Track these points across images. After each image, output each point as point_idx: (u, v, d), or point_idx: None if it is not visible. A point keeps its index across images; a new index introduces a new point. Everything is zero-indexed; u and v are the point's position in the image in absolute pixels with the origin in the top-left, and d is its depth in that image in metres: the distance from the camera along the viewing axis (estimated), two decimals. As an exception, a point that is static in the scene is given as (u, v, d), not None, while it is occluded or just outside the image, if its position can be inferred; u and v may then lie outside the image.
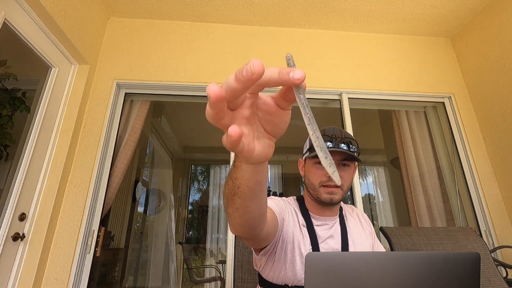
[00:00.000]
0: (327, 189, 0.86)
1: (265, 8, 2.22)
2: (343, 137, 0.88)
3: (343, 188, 0.88)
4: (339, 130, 0.91)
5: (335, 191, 0.86)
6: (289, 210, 0.91)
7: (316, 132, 0.28)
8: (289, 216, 0.89)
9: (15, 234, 1.46)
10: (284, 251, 0.84)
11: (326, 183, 0.86)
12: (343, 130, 0.92)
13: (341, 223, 0.93)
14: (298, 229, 0.88)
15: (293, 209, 0.93)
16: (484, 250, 1.42)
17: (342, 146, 0.86)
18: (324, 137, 0.88)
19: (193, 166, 5.75)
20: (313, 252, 0.54)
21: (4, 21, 1.38)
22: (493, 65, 2.13)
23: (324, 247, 0.87)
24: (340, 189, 0.87)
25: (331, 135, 0.88)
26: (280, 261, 0.84)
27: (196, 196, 5.79)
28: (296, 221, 0.90)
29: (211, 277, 4.25)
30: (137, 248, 3.74)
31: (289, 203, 0.96)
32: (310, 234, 0.87)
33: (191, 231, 5.46)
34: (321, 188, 0.87)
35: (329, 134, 0.89)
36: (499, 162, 2.07)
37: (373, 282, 0.53)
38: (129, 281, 3.52)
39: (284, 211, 0.89)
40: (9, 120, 1.51)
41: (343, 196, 0.90)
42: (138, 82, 2.11)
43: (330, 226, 0.91)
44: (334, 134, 0.89)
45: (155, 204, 4.14)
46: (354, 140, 0.90)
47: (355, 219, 1.01)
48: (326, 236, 0.89)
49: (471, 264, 0.54)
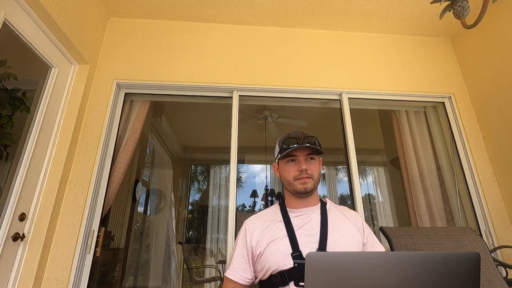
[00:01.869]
0: (300, 181, 1.02)
1: (265, 8, 2.22)
2: (305, 136, 1.05)
3: (313, 178, 1.03)
4: (301, 132, 1.08)
5: (307, 181, 1.01)
6: (257, 233, 1.03)
7: None
8: (258, 237, 1.02)
9: (15, 234, 1.46)
10: (262, 255, 0.97)
11: (298, 176, 1.02)
12: (305, 132, 1.08)
13: (322, 213, 1.04)
14: (273, 229, 1.01)
15: (267, 224, 1.05)
16: (484, 250, 1.42)
17: (306, 141, 1.03)
18: (290, 139, 1.05)
19: (193, 166, 5.75)
20: (313, 252, 0.55)
21: (4, 21, 1.38)
22: (493, 65, 2.13)
23: (300, 233, 0.98)
24: (311, 179, 1.02)
25: (296, 137, 1.06)
26: (262, 262, 0.97)
27: (196, 196, 5.80)
28: (270, 227, 1.02)
29: (211, 277, 4.25)
30: (137, 248, 3.74)
31: (263, 221, 1.07)
32: (286, 224, 1.01)
33: (191, 231, 5.46)
34: (295, 181, 1.03)
35: (294, 136, 1.06)
36: (499, 162, 2.07)
37: (373, 282, 0.53)
38: (129, 281, 3.52)
39: (248, 255, 1.02)
40: (9, 120, 1.51)
41: (315, 185, 1.05)
42: (138, 82, 2.11)
43: (307, 216, 1.04)
44: (297, 135, 1.06)
45: (155, 204, 4.14)
46: (315, 137, 1.07)
47: (341, 213, 1.08)
48: (302, 224, 1.01)
49: (471, 264, 0.54)
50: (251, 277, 1.01)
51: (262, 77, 2.21)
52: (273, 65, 2.26)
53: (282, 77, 2.23)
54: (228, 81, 2.17)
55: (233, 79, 2.18)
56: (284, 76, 2.24)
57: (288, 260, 0.91)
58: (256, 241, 1.01)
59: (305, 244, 0.94)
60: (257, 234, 1.02)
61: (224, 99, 2.23)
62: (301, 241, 0.95)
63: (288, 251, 0.93)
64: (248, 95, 2.22)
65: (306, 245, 0.94)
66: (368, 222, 4.57)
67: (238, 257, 1.04)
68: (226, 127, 2.15)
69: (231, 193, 1.93)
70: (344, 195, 5.36)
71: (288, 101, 2.33)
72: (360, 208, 1.96)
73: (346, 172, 3.08)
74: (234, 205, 1.92)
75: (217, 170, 5.28)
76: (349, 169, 2.08)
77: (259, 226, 1.05)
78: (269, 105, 3.30)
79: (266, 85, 2.19)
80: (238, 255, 1.04)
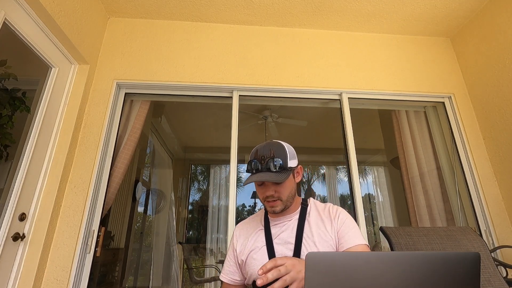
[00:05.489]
0: (268, 204, 1.01)
1: (265, 8, 2.22)
2: (270, 158, 0.97)
3: (282, 199, 1.00)
4: (269, 150, 1.00)
5: (274, 205, 1.00)
6: (242, 240, 1.09)
7: None
8: (242, 244, 1.07)
9: (15, 234, 1.46)
10: (245, 263, 1.03)
11: (267, 199, 1.01)
12: (273, 148, 1.00)
13: (300, 220, 1.04)
14: (254, 238, 1.05)
15: (250, 232, 1.09)
16: (484, 250, 1.42)
17: (267, 166, 0.96)
18: (254, 163, 0.99)
19: (193, 166, 5.75)
20: (313, 252, 0.55)
21: (4, 21, 1.38)
22: (493, 65, 2.13)
23: (277, 241, 1.01)
24: (279, 201, 1.00)
25: (261, 157, 0.99)
26: (245, 269, 1.03)
27: (196, 196, 5.80)
28: (252, 235, 1.07)
29: (211, 277, 4.26)
30: (137, 248, 3.74)
31: (248, 228, 1.12)
32: (265, 233, 1.04)
33: (191, 231, 5.47)
34: (265, 202, 1.02)
35: (259, 156, 0.99)
36: (499, 162, 2.07)
37: (373, 282, 0.53)
38: (129, 281, 3.52)
39: (235, 259, 1.08)
40: (9, 120, 1.51)
41: (286, 203, 1.02)
42: (138, 82, 2.11)
43: (283, 224, 1.05)
44: (263, 155, 0.99)
45: (155, 204, 4.14)
46: (283, 154, 0.99)
47: (320, 216, 1.05)
48: (279, 232, 1.03)
49: (471, 264, 0.54)
50: (240, 279, 1.07)
51: (262, 77, 2.21)
52: (273, 65, 2.26)
53: (282, 77, 2.23)
54: (228, 81, 2.17)
55: (233, 79, 2.18)
56: (284, 76, 2.24)
57: None
58: (240, 249, 1.07)
59: (281, 253, 0.97)
60: (241, 242, 1.08)
61: (224, 99, 2.23)
62: (277, 250, 0.98)
63: (265, 260, 0.96)
64: (248, 95, 2.22)
65: (282, 253, 0.97)
66: (368, 222, 4.55)
67: (228, 260, 1.11)
68: (226, 127, 2.15)
69: (231, 193, 1.93)
70: (344, 195, 5.36)
71: (288, 101, 2.33)
72: (360, 208, 1.96)
73: (346, 172, 3.08)
74: (234, 205, 1.92)
75: (217, 170, 5.28)
76: (349, 169, 2.08)
77: (244, 233, 1.10)
78: (269, 105, 3.30)
79: (266, 85, 2.19)
80: (228, 259, 1.11)
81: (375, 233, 4.37)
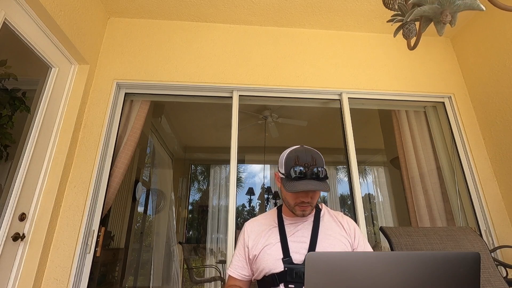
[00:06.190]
0: (300, 208, 1.02)
1: (265, 8, 2.22)
2: (314, 165, 0.99)
3: (313, 205, 1.04)
4: (311, 157, 1.00)
5: (307, 209, 1.03)
6: (254, 236, 1.10)
7: None
8: (254, 240, 1.09)
9: (15, 234, 1.46)
10: (257, 258, 1.04)
11: (301, 204, 1.02)
12: (314, 155, 1.01)
13: (315, 221, 1.09)
14: (268, 234, 1.07)
15: (263, 228, 1.11)
16: (484, 250, 1.42)
17: (314, 174, 0.97)
18: (298, 169, 0.97)
19: (193, 166, 5.75)
20: (313, 252, 0.55)
21: (4, 21, 1.38)
22: (493, 65, 2.13)
23: (292, 239, 1.03)
24: (310, 206, 1.03)
25: (304, 164, 0.98)
26: (257, 263, 1.05)
27: (196, 196, 5.79)
28: (265, 232, 1.09)
29: (211, 277, 4.25)
30: (137, 248, 3.74)
31: (260, 225, 1.13)
32: (280, 230, 1.07)
33: (191, 231, 5.46)
34: (296, 206, 1.03)
35: (303, 162, 0.99)
36: (499, 162, 2.07)
37: (373, 282, 0.53)
38: (129, 281, 3.52)
39: (245, 255, 1.10)
40: (9, 120, 1.51)
41: (313, 208, 1.09)
42: (138, 82, 2.11)
43: (300, 223, 1.08)
44: (306, 162, 0.99)
45: (155, 204, 4.14)
46: (323, 162, 1.02)
47: (334, 221, 1.11)
48: (294, 231, 1.06)
49: (471, 264, 0.54)
50: (248, 274, 1.09)
51: (262, 77, 2.21)
52: (273, 65, 2.26)
53: (282, 77, 2.23)
54: (228, 81, 2.17)
55: (233, 79, 2.18)
56: (284, 76, 2.23)
57: (279, 264, 0.98)
58: (252, 244, 1.09)
59: (296, 250, 1.00)
60: (254, 237, 1.10)
61: (224, 99, 2.23)
62: (292, 247, 1.01)
63: (280, 256, 0.99)
64: (248, 95, 2.22)
65: (296, 250, 1.00)
66: (368, 222, 4.56)
67: (237, 256, 1.12)
68: (226, 127, 2.15)
69: (231, 193, 1.93)
70: (344, 195, 5.36)
71: (288, 101, 2.33)
72: (360, 208, 1.96)
73: (346, 172, 3.08)
74: (234, 205, 1.92)
75: (217, 170, 5.29)
76: (349, 169, 2.08)
77: (256, 229, 1.12)
78: (269, 105, 3.30)
79: (266, 85, 2.19)
80: (237, 254, 1.13)
81: (375, 233, 4.37)
